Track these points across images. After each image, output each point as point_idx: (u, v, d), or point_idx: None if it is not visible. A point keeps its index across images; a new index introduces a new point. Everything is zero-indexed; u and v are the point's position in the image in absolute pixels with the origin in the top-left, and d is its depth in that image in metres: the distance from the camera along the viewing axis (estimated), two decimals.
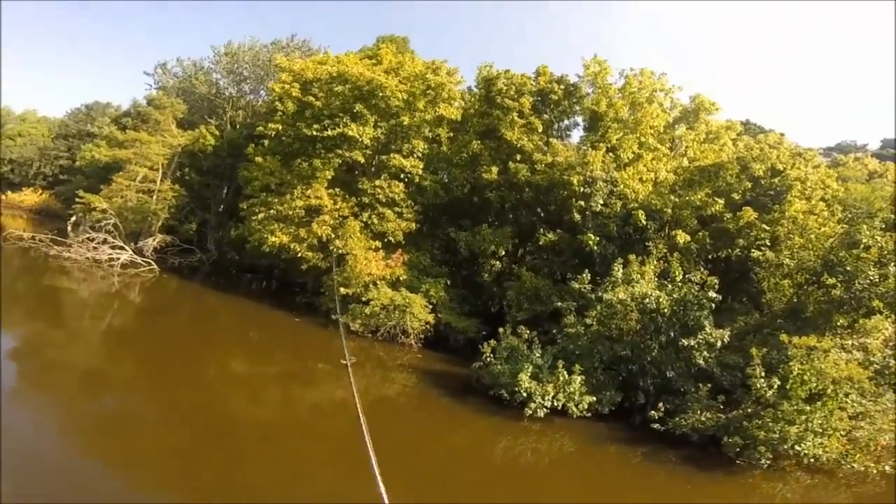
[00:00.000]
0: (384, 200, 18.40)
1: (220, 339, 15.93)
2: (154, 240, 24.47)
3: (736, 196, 17.95)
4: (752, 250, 16.27)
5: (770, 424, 10.24)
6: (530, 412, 11.51)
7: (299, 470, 8.03)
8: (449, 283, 17.96)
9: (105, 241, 22.43)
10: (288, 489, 7.24)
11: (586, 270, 14.38)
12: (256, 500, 6.73)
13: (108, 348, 13.13)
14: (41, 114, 53.44)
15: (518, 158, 19.17)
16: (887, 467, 9.70)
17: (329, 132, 18.04)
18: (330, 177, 18.60)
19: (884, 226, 14.49)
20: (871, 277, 12.55)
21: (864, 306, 12.62)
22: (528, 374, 11.93)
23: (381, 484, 6.07)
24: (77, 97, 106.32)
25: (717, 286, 12.65)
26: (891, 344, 11.80)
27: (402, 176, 18.87)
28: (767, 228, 16.61)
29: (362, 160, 19.06)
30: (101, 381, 10.35)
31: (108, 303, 18.46)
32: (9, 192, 42.33)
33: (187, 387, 10.88)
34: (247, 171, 20.47)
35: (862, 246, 13.07)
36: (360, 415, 8.22)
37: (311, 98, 18.93)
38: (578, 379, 11.99)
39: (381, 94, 18.21)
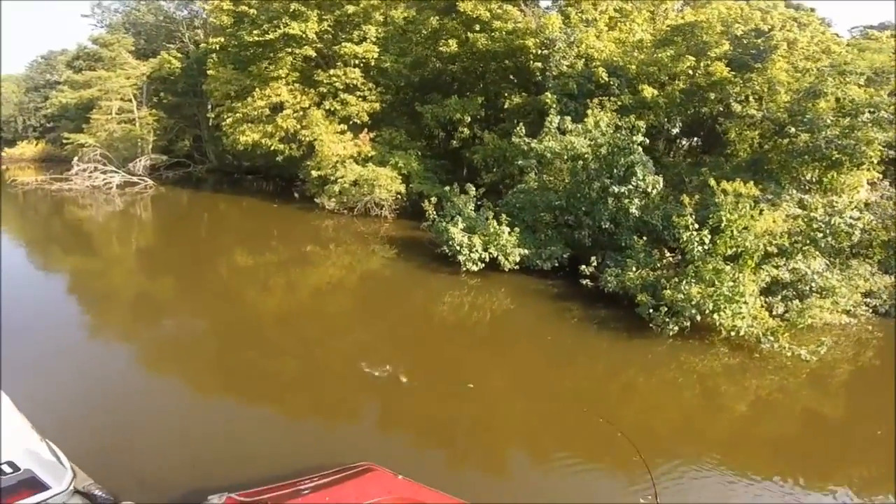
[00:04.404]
0: (342, 87, 18.95)
1: (229, 240, 17.39)
2: (142, 160, 25.95)
3: (712, 55, 17.61)
4: (733, 105, 15.90)
5: (676, 283, 9.07)
6: (465, 268, 11.70)
7: (316, 351, 8.83)
8: (422, 154, 18.83)
9: (96, 169, 24.22)
10: (309, 369, 8.15)
11: (521, 123, 14.71)
12: (287, 387, 7.50)
13: (142, 269, 14.35)
14: (3, 73, 52.46)
15: (477, 28, 19.05)
16: (804, 352, 8.32)
17: (270, 35, 18.34)
18: (285, 74, 19.19)
19: (861, 81, 13.63)
20: (835, 129, 11.74)
21: (825, 158, 11.68)
22: (460, 227, 11.91)
23: None
24: (31, 51, 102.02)
25: (644, 130, 12.04)
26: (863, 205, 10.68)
27: (356, 62, 19.15)
28: (741, 83, 16.15)
29: (313, 54, 19.40)
30: (146, 302, 11.29)
31: (129, 224, 20.00)
32: (6, 149, 43.32)
33: (213, 290, 12.01)
34: (206, 84, 21.38)
35: (822, 95, 12.56)
36: None
37: (245, 7, 19.19)
38: (506, 230, 11.85)
39: None
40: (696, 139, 19.34)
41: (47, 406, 6.10)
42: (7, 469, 3.67)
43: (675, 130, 18.64)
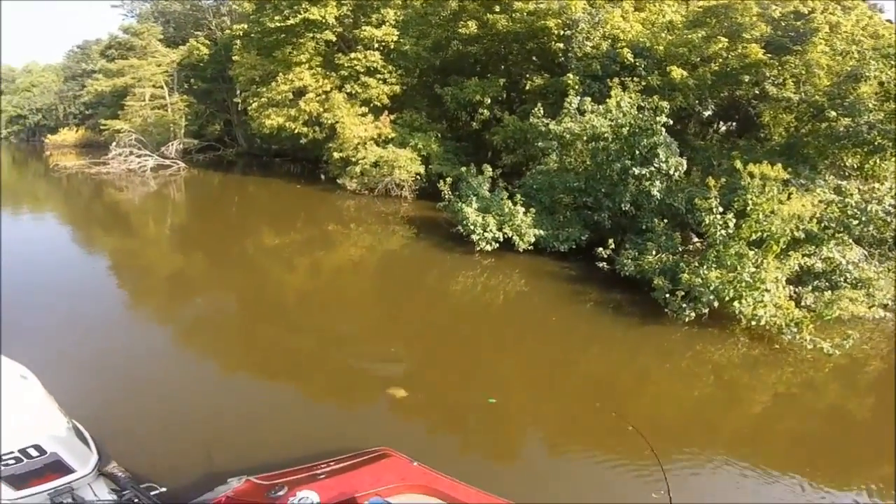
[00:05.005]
0: (363, 70, 19.18)
1: (257, 220, 17.86)
2: (175, 144, 27.09)
3: (747, 36, 16.77)
4: (768, 88, 15.18)
5: (695, 267, 8.73)
6: (478, 247, 11.78)
7: (334, 329, 8.99)
8: (443, 136, 18.99)
9: (131, 153, 25.37)
10: (327, 348, 8.23)
11: (539, 103, 14.50)
12: (304, 367, 7.63)
13: (174, 247, 14.94)
14: (43, 63, 54.88)
15: (497, 10, 18.82)
16: (827, 346, 7.83)
17: (291, 20, 18.66)
18: (308, 59, 19.57)
19: None
20: (878, 113, 11.17)
21: (867, 143, 11.07)
22: (474, 207, 11.97)
23: None
24: (67, 41, 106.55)
25: (668, 111, 11.59)
26: None
27: (376, 45, 19.32)
28: (778, 65, 15.31)
29: (335, 39, 19.72)
30: (176, 279, 11.70)
31: (163, 205, 20.86)
32: (49, 136, 45.56)
33: (240, 268, 12.35)
34: (232, 69, 22.15)
35: (864, 79, 11.99)
36: None
37: None
38: (521, 210, 11.83)
39: None
40: (731, 123, 18.59)
41: (72, 384, 6.06)
42: (33, 453, 3.61)
43: (707, 113, 17.95)
